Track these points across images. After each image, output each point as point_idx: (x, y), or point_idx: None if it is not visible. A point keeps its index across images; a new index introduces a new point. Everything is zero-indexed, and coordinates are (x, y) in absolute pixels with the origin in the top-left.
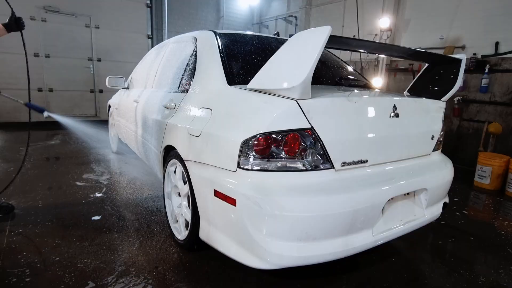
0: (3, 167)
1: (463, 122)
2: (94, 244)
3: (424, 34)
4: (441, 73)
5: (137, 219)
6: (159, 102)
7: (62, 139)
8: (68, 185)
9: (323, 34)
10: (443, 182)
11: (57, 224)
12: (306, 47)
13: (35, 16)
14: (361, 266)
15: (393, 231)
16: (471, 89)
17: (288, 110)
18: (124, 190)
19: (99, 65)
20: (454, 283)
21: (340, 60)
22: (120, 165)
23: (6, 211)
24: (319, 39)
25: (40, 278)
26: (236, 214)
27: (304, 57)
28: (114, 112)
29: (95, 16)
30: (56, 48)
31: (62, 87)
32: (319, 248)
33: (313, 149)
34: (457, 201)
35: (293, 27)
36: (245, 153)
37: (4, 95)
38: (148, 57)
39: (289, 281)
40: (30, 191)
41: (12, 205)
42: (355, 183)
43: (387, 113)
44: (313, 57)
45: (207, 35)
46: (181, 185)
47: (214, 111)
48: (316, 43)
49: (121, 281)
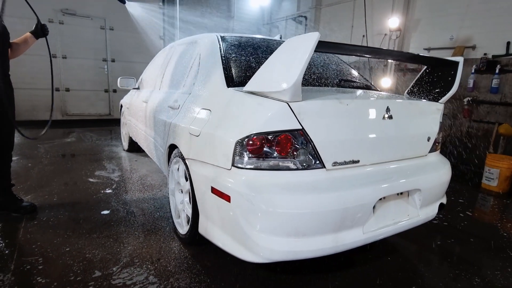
0: (22, 163)
1: (473, 123)
2: (102, 237)
3: (434, 34)
4: (440, 75)
5: (143, 214)
6: (165, 102)
7: (78, 137)
8: (81, 181)
9: (311, 40)
10: (438, 183)
11: (69, 217)
12: (296, 53)
13: (53, 19)
14: (356, 263)
15: (385, 229)
16: (481, 90)
17: (280, 112)
18: (133, 187)
19: (113, 65)
20: (448, 283)
21: (344, 63)
22: (130, 162)
23: (29, 211)
24: (307, 45)
25: (52, 266)
26: (230, 210)
27: (294, 62)
28: (126, 111)
29: (110, 18)
30: (73, 49)
31: (78, 87)
32: (309, 244)
33: (304, 149)
34: (462, 203)
35: (303, 27)
36: (239, 152)
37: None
38: (156, 59)
39: (283, 276)
40: (46, 186)
41: (34, 205)
42: (345, 183)
43: (380, 115)
44: (302, 62)
45: (210, 38)
46: (183, 182)
47: (213, 112)
48: (305, 49)
49: (125, 271)
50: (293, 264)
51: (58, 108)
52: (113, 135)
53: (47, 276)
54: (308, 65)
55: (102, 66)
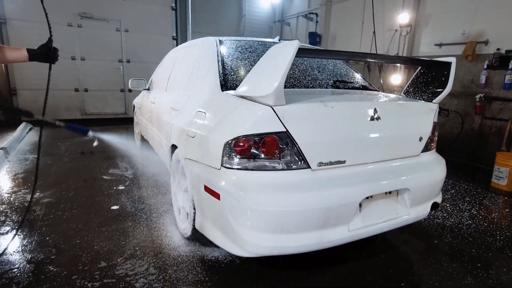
0: (43, 161)
1: (485, 121)
2: (110, 230)
3: (445, 29)
4: (434, 76)
5: (150, 210)
6: (168, 104)
7: None
8: (95, 178)
9: (291, 48)
10: (429, 183)
11: (82, 211)
12: (278, 59)
13: (72, 22)
14: (349, 260)
15: (372, 228)
16: (494, 86)
17: (265, 115)
18: (143, 184)
19: (128, 66)
20: (439, 281)
21: (344, 63)
22: (142, 160)
23: None
24: (288, 52)
25: (63, 257)
26: (220, 207)
27: (276, 68)
28: (137, 111)
29: (125, 20)
30: (90, 51)
31: (95, 87)
32: (293, 240)
33: (289, 150)
34: (468, 201)
35: (313, 24)
36: (228, 153)
37: (46, 120)
38: (164, 61)
39: (276, 271)
40: (64, 182)
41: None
42: (330, 182)
43: (367, 116)
44: (283, 69)
45: (208, 42)
46: (183, 180)
47: (207, 115)
48: (285, 56)
49: (129, 262)
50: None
51: (77, 107)
52: (127, 133)
53: (58, 266)
54: (304, 67)
55: (118, 67)
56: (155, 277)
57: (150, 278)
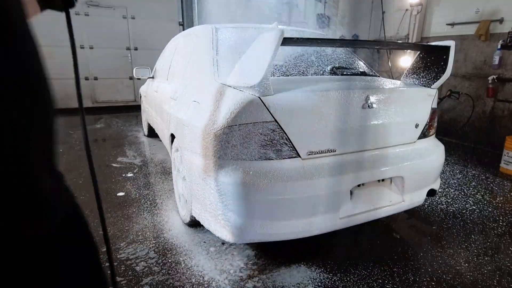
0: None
1: (497, 103)
2: (115, 216)
3: (458, 8)
4: (433, 60)
5: (153, 197)
6: (168, 93)
7: (105, 123)
8: (105, 165)
9: (275, 38)
10: (425, 170)
11: (90, 198)
12: (263, 50)
13: (79, 11)
14: (344, 246)
15: (364, 215)
16: (508, 67)
17: (253, 105)
18: (149, 171)
19: (136, 53)
20: (436, 266)
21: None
22: (150, 148)
23: None
24: (272, 42)
25: None
26: (212, 196)
27: (261, 59)
28: (144, 99)
29: (131, 7)
30: (98, 39)
31: (105, 75)
32: (282, 227)
33: (278, 140)
34: (474, 186)
35: (322, 4)
36: (217, 142)
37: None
38: (165, 50)
39: (271, 255)
40: (74, 170)
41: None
42: (319, 171)
43: (360, 104)
44: (267, 60)
45: (205, 30)
46: (182, 168)
47: (200, 104)
48: (270, 47)
49: (131, 247)
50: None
51: (88, 96)
52: (136, 121)
53: None
54: (300, 54)
55: (125, 55)
56: (155, 260)
57: (149, 262)
